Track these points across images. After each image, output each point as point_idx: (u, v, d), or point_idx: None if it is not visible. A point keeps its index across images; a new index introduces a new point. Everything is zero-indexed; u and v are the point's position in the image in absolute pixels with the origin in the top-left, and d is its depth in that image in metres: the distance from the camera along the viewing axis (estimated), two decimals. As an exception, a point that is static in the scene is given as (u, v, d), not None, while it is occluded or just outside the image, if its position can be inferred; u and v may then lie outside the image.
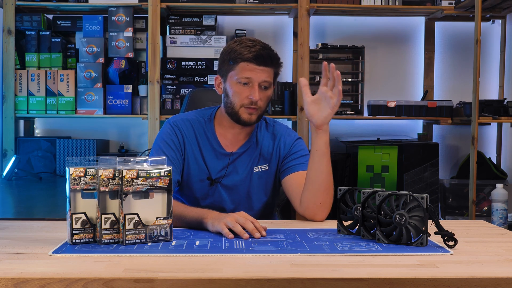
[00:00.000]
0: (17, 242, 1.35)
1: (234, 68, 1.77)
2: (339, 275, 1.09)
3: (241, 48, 1.77)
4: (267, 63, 1.76)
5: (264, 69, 1.76)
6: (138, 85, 3.56)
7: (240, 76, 1.76)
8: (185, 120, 1.87)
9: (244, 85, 1.76)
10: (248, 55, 1.75)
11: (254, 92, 1.75)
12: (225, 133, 1.86)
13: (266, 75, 1.77)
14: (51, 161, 3.44)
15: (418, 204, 1.35)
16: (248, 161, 1.86)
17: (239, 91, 1.77)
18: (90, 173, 1.35)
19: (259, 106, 1.78)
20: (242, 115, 1.78)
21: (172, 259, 1.22)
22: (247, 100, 1.76)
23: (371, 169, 3.41)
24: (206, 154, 1.84)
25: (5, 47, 3.41)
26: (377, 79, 3.84)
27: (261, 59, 1.75)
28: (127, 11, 3.49)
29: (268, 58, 1.76)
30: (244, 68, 1.75)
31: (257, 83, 1.76)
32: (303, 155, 1.88)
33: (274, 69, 1.80)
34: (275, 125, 1.94)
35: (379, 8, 3.52)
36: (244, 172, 1.86)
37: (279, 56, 1.83)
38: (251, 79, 1.75)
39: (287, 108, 3.50)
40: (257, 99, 1.75)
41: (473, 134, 3.06)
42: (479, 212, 3.42)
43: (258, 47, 1.76)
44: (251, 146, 1.87)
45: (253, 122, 1.81)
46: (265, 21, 3.78)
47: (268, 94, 1.80)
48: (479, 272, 1.12)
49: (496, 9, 3.56)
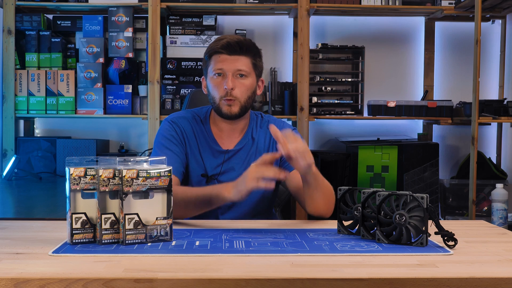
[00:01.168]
0: (17, 242, 1.35)
1: (209, 63, 1.82)
2: (339, 275, 1.09)
3: (213, 43, 1.82)
4: (236, 51, 1.78)
5: (236, 58, 1.78)
6: (138, 85, 3.56)
7: (214, 68, 1.80)
8: (182, 118, 1.89)
9: (219, 76, 1.80)
10: (218, 46, 1.79)
11: (228, 81, 1.77)
12: (220, 131, 1.88)
13: (240, 64, 1.78)
14: (51, 161, 3.44)
15: (418, 204, 1.35)
16: (245, 158, 1.88)
17: (216, 84, 1.80)
18: (90, 173, 1.35)
19: (236, 96, 1.79)
20: (223, 108, 1.80)
21: (172, 259, 1.21)
22: (223, 92, 1.79)
23: (371, 169, 3.41)
24: (203, 151, 1.87)
25: (5, 47, 3.41)
26: (377, 79, 3.84)
27: (230, 48, 1.77)
28: (127, 11, 3.49)
29: (237, 45, 1.78)
30: (216, 60, 1.80)
31: (230, 73, 1.78)
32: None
33: (249, 58, 1.81)
34: (270, 119, 1.95)
35: (379, 8, 3.52)
36: (241, 169, 1.86)
37: (256, 46, 1.84)
38: (223, 70, 1.79)
39: (287, 108, 3.50)
40: (230, 87, 1.77)
41: (473, 134, 3.06)
42: (479, 212, 3.42)
43: (228, 38, 1.80)
44: (247, 143, 1.89)
45: (235, 114, 1.81)
46: (265, 21, 3.78)
47: (246, 84, 1.80)
48: (479, 272, 1.12)
49: (496, 9, 3.56)
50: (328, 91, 3.65)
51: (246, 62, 1.80)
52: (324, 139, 3.84)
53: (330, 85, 3.65)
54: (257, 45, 1.88)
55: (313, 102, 3.59)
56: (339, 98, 3.67)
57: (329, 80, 3.63)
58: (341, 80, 3.65)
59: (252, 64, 1.82)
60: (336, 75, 3.74)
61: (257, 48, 1.84)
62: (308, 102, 3.47)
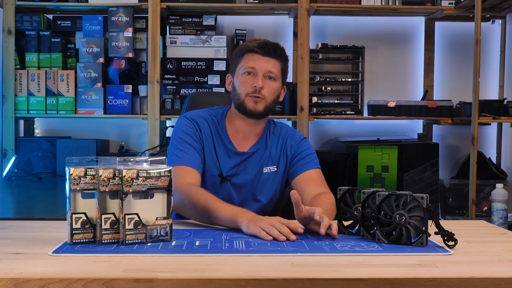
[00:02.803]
0: (17, 242, 1.35)
1: (240, 60, 1.84)
2: (339, 275, 1.09)
3: (247, 42, 1.86)
4: (271, 54, 1.82)
5: (268, 59, 1.82)
6: (138, 85, 3.57)
7: (245, 66, 1.82)
8: (200, 117, 1.90)
9: (249, 74, 1.82)
10: (253, 45, 1.82)
11: (258, 80, 1.79)
12: (236, 132, 1.89)
13: (270, 66, 1.82)
14: (51, 161, 3.44)
15: (418, 204, 1.35)
16: (258, 161, 1.89)
17: (244, 81, 1.82)
18: (90, 173, 1.35)
19: (264, 95, 1.81)
20: (248, 104, 1.82)
21: (172, 259, 1.21)
22: (251, 89, 1.80)
23: (371, 169, 3.41)
24: (219, 151, 1.87)
25: (5, 47, 3.41)
26: (377, 79, 3.84)
27: (265, 48, 1.81)
28: (127, 11, 3.49)
29: (272, 47, 1.82)
30: (249, 59, 1.82)
31: (262, 73, 1.81)
32: (309, 154, 1.92)
33: (280, 63, 1.84)
34: (282, 127, 1.97)
35: (379, 8, 3.52)
36: (254, 172, 1.89)
37: (285, 52, 1.87)
38: (255, 69, 1.81)
39: (287, 108, 3.50)
40: (260, 85, 1.79)
41: (473, 134, 3.06)
42: (479, 212, 3.42)
43: (263, 39, 1.84)
44: (261, 147, 1.91)
45: (259, 113, 1.82)
46: (265, 21, 3.78)
47: (274, 86, 1.83)
48: (479, 272, 1.12)
49: (496, 9, 3.56)
50: (328, 91, 3.65)
51: (277, 66, 1.83)
52: (324, 139, 3.84)
53: (330, 85, 3.65)
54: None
55: (313, 102, 3.59)
56: (339, 98, 3.67)
57: (329, 80, 3.63)
58: (341, 80, 3.65)
59: (281, 68, 1.85)
60: (336, 75, 3.74)
61: (287, 55, 1.89)
62: (308, 102, 3.47)
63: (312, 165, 1.89)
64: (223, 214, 1.55)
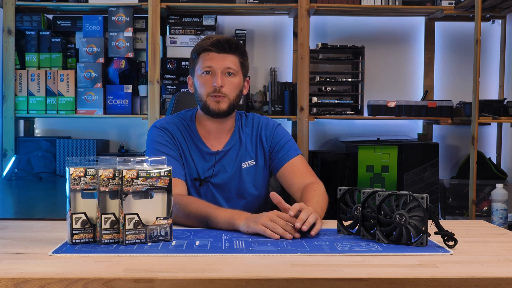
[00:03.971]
0: (17, 242, 1.35)
1: (197, 61, 1.83)
2: (339, 275, 1.09)
3: (201, 41, 1.84)
4: (225, 50, 1.80)
5: (225, 56, 1.80)
6: (138, 85, 3.56)
7: (202, 66, 1.80)
8: (170, 123, 1.88)
9: (207, 74, 1.80)
10: (207, 44, 1.80)
11: (217, 79, 1.78)
12: (207, 133, 1.88)
13: (228, 62, 1.80)
14: (51, 161, 3.44)
15: (418, 204, 1.35)
16: (235, 158, 1.88)
17: (204, 81, 1.81)
18: (90, 173, 1.35)
19: (225, 93, 1.80)
20: (210, 104, 1.80)
21: (172, 259, 1.22)
22: (211, 88, 1.79)
23: (371, 169, 3.41)
24: (193, 154, 1.86)
25: (5, 47, 3.41)
26: (377, 79, 3.84)
27: (219, 46, 1.79)
28: (127, 11, 3.49)
29: (226, 44, 1.80)
30: (205, 58, 1.80)
31: (220, 71, 1.79)
32: (286, 142, 1.91)
33: (237, 57, 1.82)
34: (254, 117, 1.96)
35: (379, 8, 3.52)
36: (232, 170, 1.87)
37: (243, 46, 1.86)
38: (212, 67, 1.79)
39: (287, 108, 3.50)
40: (219, 84, 1.77)
41: (473, 134, 3.06)
42: (479, 212, 3.42)
43: (217, 36, 1.82)
44: (235, 143, 1.89)
45: (223, 111, 1.81)
46: (265, 21, 3.78)
47: (235, 82, 1.82)
48: (479, 272, 1.12)
49: (496, 9, 3.56)
50: (328, 91, 3.65)
51: (234, 61, 1.82)
52: (324, 139, 3.84)
53: (330, 85, 3.65)
54: (257, 45, 1.89)
55: (313, 102, 3.59)
56: (339, 98, 3.67)
57: (329, 80, 3.63)
58: (341, 80, 3.65)
59: (240, 63, 1.84)
60: (336, 75, 3.74)
61: (244, 48, 1.87)
62: (308, 102, 3.47)
63: (293, 153, 1.88)
64: (219, 220, 1.54)
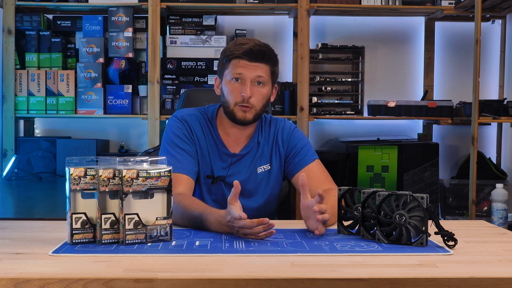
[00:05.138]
0: (17, 242, 1.35)
1: (227, 66, 1.78)
2: (339, 275, 1.09)
3: (233, 46, 1.78)
4: (258, 59, 1.75)
5: (256, 65, 1.76)
6: (138, 85, 3.56)
7: (232, 73, 1.76)
8: (192, 116, 1.86)
9: (236, 81, 1.76)
10: (239, 51, 1.75)
11: (246, 89, 1.74)
12: (227, 133, 1.86)
13: (259, 71, 1.76)
14: (51, 161, 3.44)
15: (418, 204, 1.35)
16: (250, 162, 1.86)
17: (232, 89, 1.77)
18: (90, 173, 1.35)
19: (253, 104, 1.76)
20: (237, 113, 1.77)
21: (172, 259, 1.21)
22: (240, 98, 1.76)
23: (371, 169, 3.41)
24: (211, 151, 1.84)
25: (5, 47, 3.41)
26: (377, 79, 3.84)
27: (251, 55, 1.74)
28: (127, 11, 3.49)
29: (259, 53, 1.75)
30: (236, 65, 1.76)
31: (249, 80, 1.75)
32: (303, 146, 1.88)
33: (268, 66, 1.78)
34: (272, 120, 1.93)
35: (379, 8, 3.52)
36: (247, 173, 1.86)
37: (275, 53, 1.81)
38: (242, 75, 1.75)
39: (287, 108, 3.50)
40: (248, 95, 1.74)
41: (473, 134, 3.06)
42: (479, 212, 3.42)
43: (250, 44, 1.76)
44: (253, 147, 1.87)
45: (248, 121, 1.79)
46: (265, 21, 3.78)
47: (263, 92, 1.78)
48: (479, 272, 1.12)
49: (496, 9, 3.56)
50: (328, 91, 3.65)
51: (265, 70, 1.78)
52: (324, 139, 3.84)
53: (330, 85, 3.65)
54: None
55: (313, 102, 3.59)
56: (339, 98, 3.67)
57: (329, 80, 3.63)
58: (341, 80, 3.65)
59: (270, 72, 1.80)
60: (336, 75, 3.74)
61: (276, 56, 1.82)
62: (308, 102, 3.47)
63: (309, 159, 1.85)
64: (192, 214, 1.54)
